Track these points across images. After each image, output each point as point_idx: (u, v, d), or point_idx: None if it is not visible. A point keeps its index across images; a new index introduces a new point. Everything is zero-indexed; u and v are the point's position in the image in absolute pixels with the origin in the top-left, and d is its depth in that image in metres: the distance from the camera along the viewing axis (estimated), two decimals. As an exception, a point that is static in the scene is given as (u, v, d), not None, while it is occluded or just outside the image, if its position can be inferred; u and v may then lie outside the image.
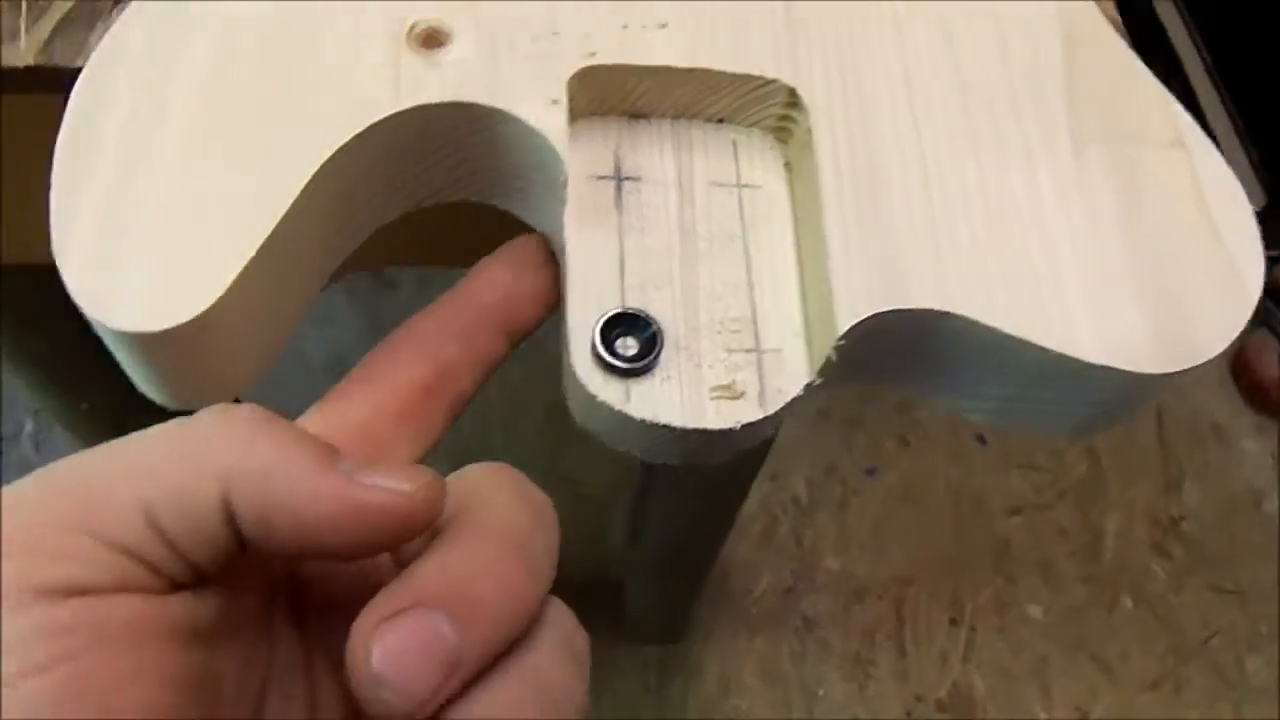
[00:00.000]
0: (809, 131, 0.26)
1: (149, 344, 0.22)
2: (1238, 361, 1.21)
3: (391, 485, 0.19)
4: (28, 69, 0.30)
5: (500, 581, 0.19)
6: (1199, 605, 1.13)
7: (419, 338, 0.25)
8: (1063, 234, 0.26)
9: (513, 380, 1.20)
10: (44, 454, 1.13)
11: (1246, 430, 1.23)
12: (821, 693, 1.05)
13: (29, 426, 1.14)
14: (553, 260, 0.26)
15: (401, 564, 0.22)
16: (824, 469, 1.16)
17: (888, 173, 0.26)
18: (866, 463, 1.16)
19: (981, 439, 1.18)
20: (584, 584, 1.14)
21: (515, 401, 1.18)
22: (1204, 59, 1.28)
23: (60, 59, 0.30)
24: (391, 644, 0.18)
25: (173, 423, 0.20)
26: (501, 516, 0.20)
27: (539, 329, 0.26)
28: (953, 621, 1.09)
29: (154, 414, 0.23)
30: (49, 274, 0.22)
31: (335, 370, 1.18)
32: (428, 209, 0.28)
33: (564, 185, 0.25)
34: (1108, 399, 0.26)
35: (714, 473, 0.70)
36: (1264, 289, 0.26)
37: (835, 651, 1.07)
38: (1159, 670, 1.09)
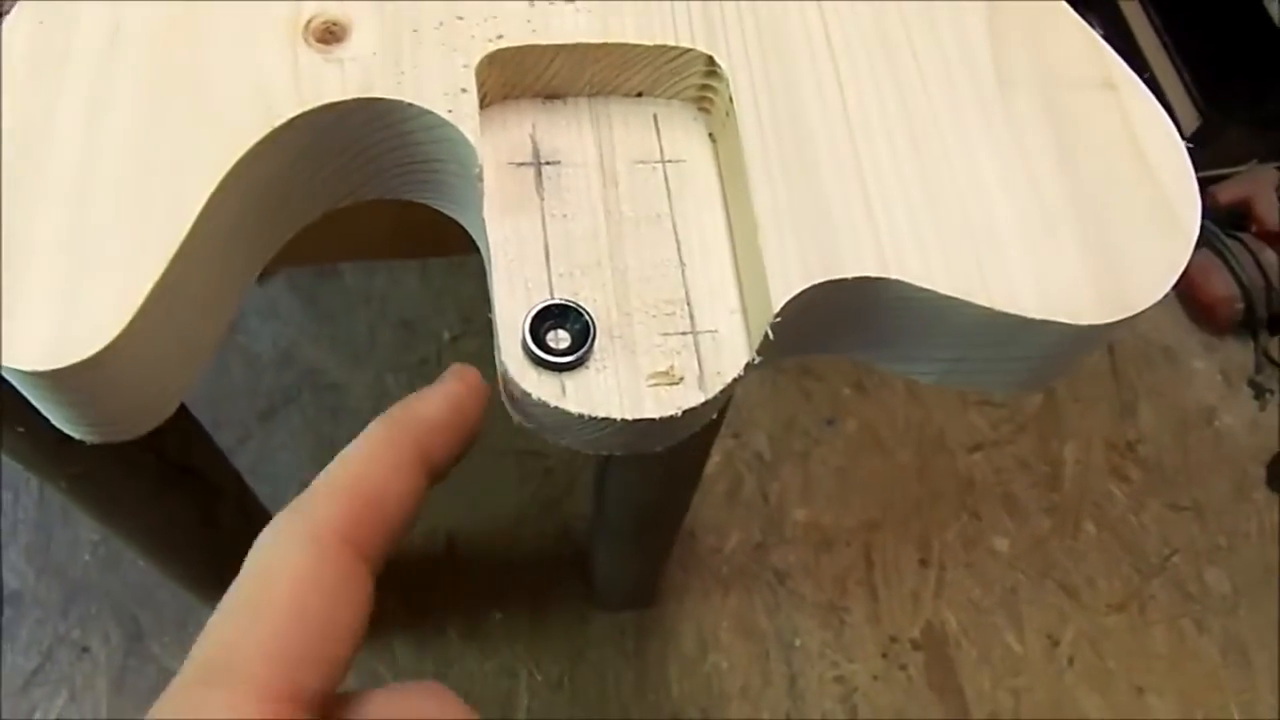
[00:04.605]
0: (730, 100, 0.25)
1: (54, 381, 0.21)
2: (1184, 282, 1.22)
3: None
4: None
5: None
6: (1159, 524, 1.15)
7: None
8: (997, 186, 0.26)
9: (467, 354, 1.19)
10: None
11: (1195, 350, 1.25)
12: (798, 643, 1.06)
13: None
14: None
15: None
16: (784, 423, 1.16)
17: (813, 136, 0.25)
18: (826, 413, 1.17)
19: (938, 379, 1.18)
20: (553, 556, 1.14)
21: (471, 379, 1.17)
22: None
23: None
24: None
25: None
26: None
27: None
28: (922, 562, 1.11)
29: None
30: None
31: (282, 364, 1.16)
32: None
33: (479, 177, 0.24)
34: (1052, 352, 0.26)
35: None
36: (1208, 209, 0.25)
37: (809, 601, 1.08)
38: (1124, 591, 1.11)
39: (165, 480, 0.69)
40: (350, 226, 0.33)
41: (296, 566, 0.19)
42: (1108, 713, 1.05)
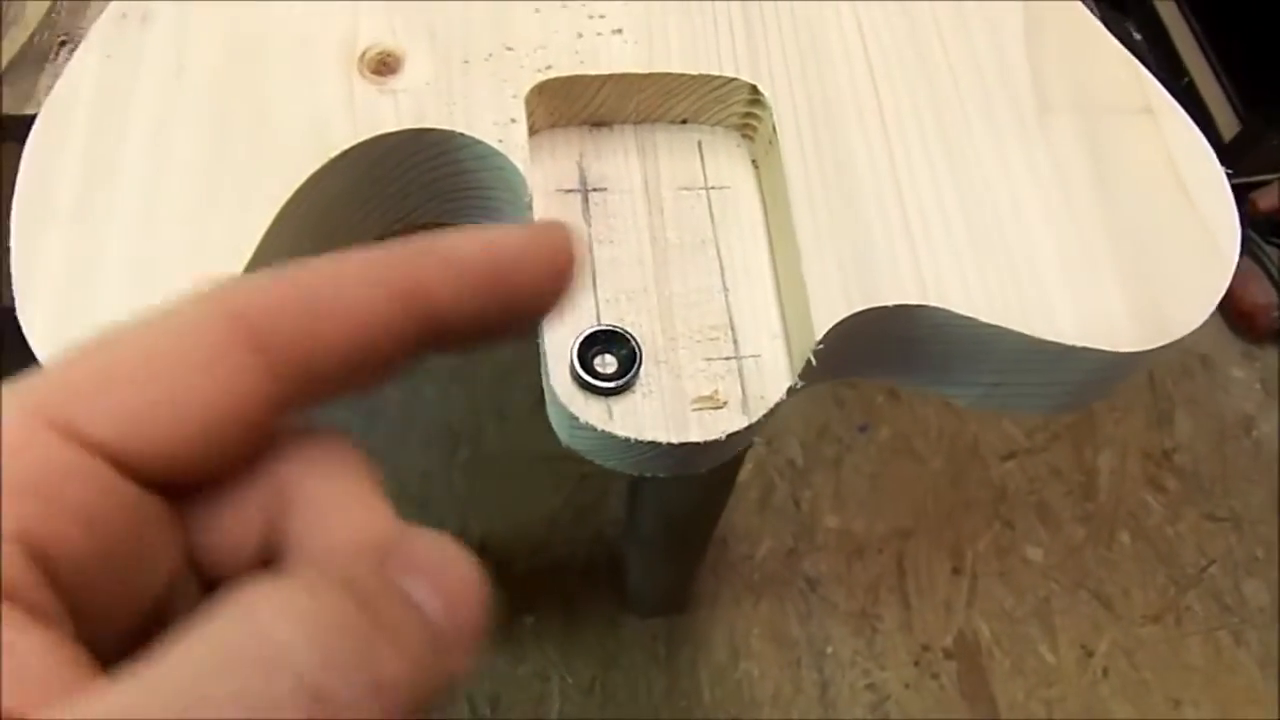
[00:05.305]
0: (773, 129, 0.26)
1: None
2: (1220, 290, 1.21)
3: None
4: (-25, 117, 0.29)
5: None
6: (1195, 535, 1.14)
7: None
8: (1037, 212, 0.26)
9: (503, 362, 1.20)
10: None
11: (1234, 358, 1.24)
12: (830, 650, 1.06)
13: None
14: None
15: None
16: (817, 430, 1.16)
17: (855, 164, 0.26)
18: (859, 419, 1.17)
19: (971, 387, 1.18)
20: (585, 562, 1.14)
21: (505, 384, 1.17)
22: (1170, -13, 1.27)
23: (7, 106, 0.29)
24: None
25: None
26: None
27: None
28: (954, 570, 1.10)
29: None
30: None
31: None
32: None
33: (529, 206, 0.24)
34: (1090, 378, 0.26)
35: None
36: (1246, 216, 0.26)
37: (840, 609, 1.08)
38: (1160, 602, 1.10)
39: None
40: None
41: (171, 324, 0.15)
42: (1142, 724, 1.04)
